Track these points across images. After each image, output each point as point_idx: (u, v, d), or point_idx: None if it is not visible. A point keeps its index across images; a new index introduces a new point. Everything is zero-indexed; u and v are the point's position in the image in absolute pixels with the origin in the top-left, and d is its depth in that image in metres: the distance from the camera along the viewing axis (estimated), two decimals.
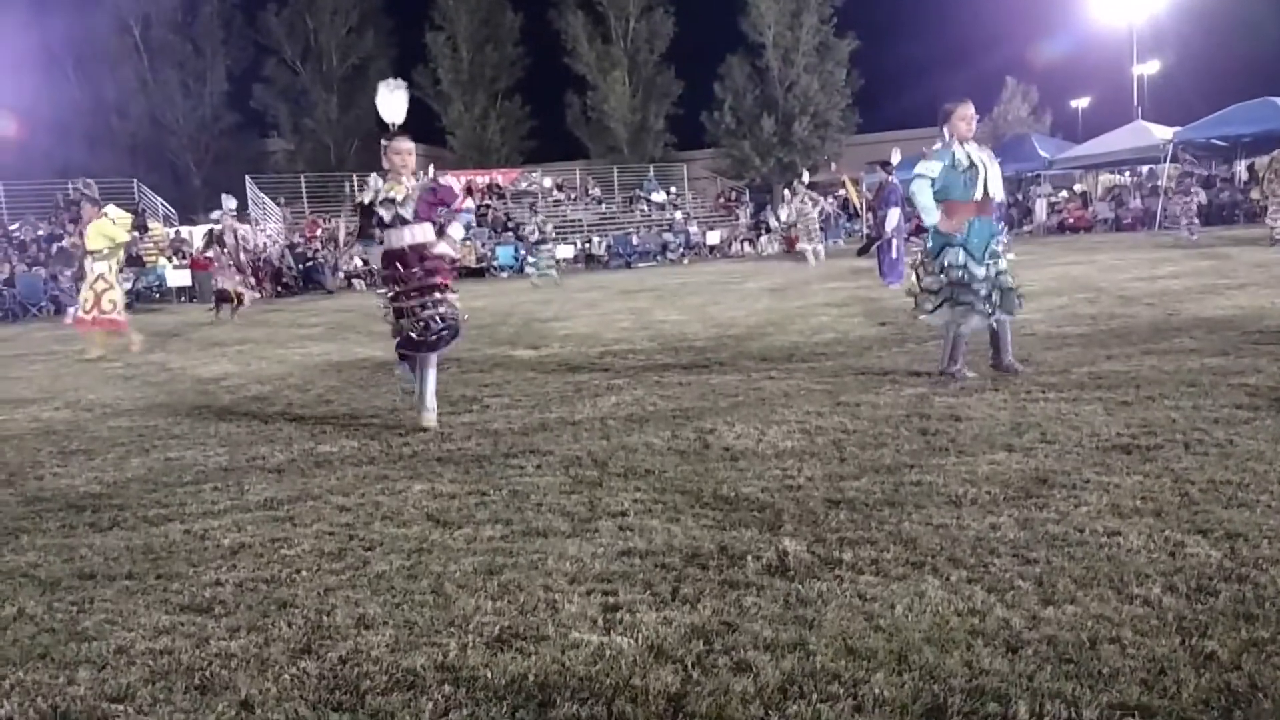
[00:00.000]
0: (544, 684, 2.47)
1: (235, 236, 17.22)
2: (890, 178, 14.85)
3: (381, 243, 5.94)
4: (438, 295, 5.91)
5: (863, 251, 17.94)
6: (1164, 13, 34.66)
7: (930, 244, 6.42)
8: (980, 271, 6.18)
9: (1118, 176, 30.69)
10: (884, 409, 5.55)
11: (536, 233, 22.32)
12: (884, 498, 3.84)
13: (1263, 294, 9.72)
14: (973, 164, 6.14)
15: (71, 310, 12.22)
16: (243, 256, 17.37)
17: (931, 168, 6.22)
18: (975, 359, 6.53)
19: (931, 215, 6.24)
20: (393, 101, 6.03)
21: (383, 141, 6.01)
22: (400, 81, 6.13)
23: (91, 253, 11.28)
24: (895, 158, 15.44)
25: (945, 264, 6.26)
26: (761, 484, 4.16)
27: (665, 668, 2.52)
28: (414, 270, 5.87)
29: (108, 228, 11.53)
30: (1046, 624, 2.62)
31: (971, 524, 3.46)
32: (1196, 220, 21.61)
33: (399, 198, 5.86)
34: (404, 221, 5.85)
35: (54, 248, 23.83)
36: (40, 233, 25.92)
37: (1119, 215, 28.16)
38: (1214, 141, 27.33)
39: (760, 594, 2.96)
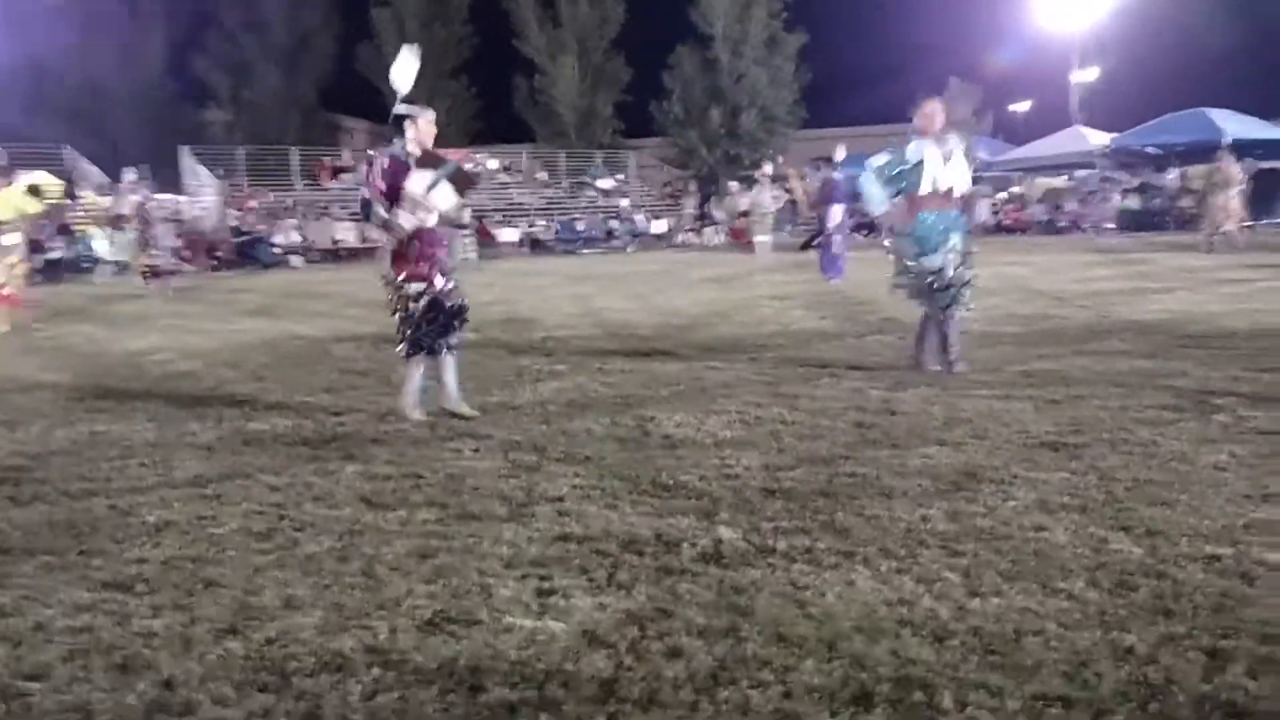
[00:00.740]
0: (475, 668, 2.45)
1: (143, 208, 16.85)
2: (834, 174, 14.96)
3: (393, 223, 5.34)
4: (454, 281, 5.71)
5: (805, 246, 18.07)
6: (1105, 21, 35.39)
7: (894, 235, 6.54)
8: (934, 263, 6.24)
9: (1055, 180, 31.33)
10: (821, 401, 5.60)
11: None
12: (819, 488, 3.88)
13: (1190, 299, 10.01)
14: (921, 160, 6.21)
15: None
16: (156, 229, 16.65)
17: (878, 160, 6.39)
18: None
19: (876, 205, 6.39)
20: (409, 67, 5.73)
21: (403, 110, 5.54)
22: (417, 48, 5.90)
23: (2, 224, 10.55)
24: (839, 154, 15.56)
25: (900, 254, 6.41)
26: (699, 472, 4.18)
27: (598, 653, 2.52)
28: (442, 249, 5.64)
29: (17, 198, 10.93)
30: (973, 615, 2.67)
31: (902, 516, 3.51)
32: (1110, 225, 22.13)
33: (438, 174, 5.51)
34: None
35: None
36: None
37: (1054, 218, 28.73)
38: (1148, 149, 28.05)
39: (695, 581, 2.97)
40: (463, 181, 5.74)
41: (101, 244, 22.72)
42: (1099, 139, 28.21)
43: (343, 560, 3.24)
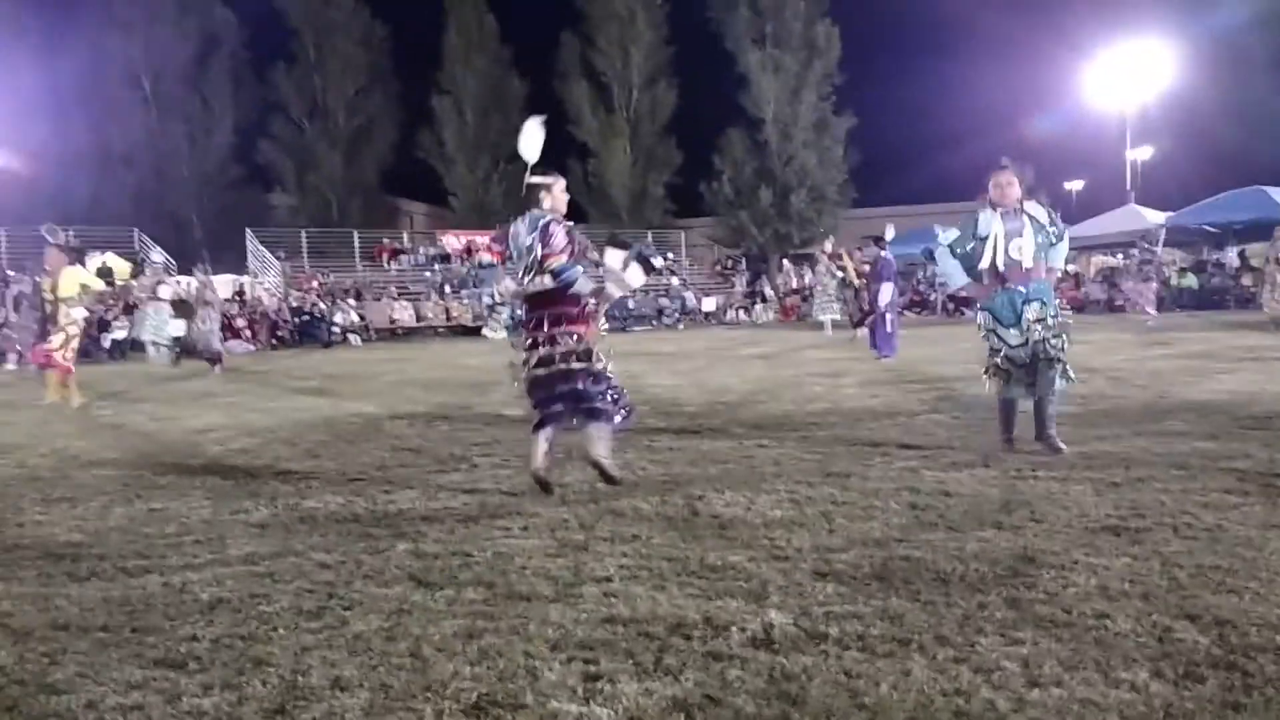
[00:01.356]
0: None
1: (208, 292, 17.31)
2: (884, 253, 14.99)
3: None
4: (590, 351, 5.61)
5: (859, 325, 18.05)
6: (1158, 100, 35.38)
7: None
8: (1013, 338, 6.12)
9: (1110, 258, 31.05)
10: (874, 481, 5.53)
11: (496, 295, 22.11)
12: (872, 571, 3.81)
13: (1253, 379, 9.77)
14: (990, 234, 6.13)
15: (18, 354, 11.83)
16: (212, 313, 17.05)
17: (948, 235, 6.35)
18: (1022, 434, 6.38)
19: (953, 281, 6.42)
20: (535, 138, 5.82)
21: (537, 180, 5.75)
22: (542, 119, 5.95)
23: (64, 300, 11.19)
24: (889, 234, 15.61)
25: (979, 328, 6.36)
26: (749, 553, 4.13)
27: None
28: (561, 320, 5.58)
29: (83, 276, 11.63)
30: (1032, 707, 2.58)
31: (959, 601, 3.42)
32: (1151, 310, 21.69)
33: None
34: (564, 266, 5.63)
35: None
36: (39, 279, 25.89)
37: (1111, 296, 28.40)
38: (1205, 227, 27.74)
39: (744, 667, 2.92)
40: (646, 264, 5.95)
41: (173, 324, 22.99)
42: (1155, 217, 27.98)
43: (390, 640, 3.24)
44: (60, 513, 5.40)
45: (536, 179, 5.70)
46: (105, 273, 26.93)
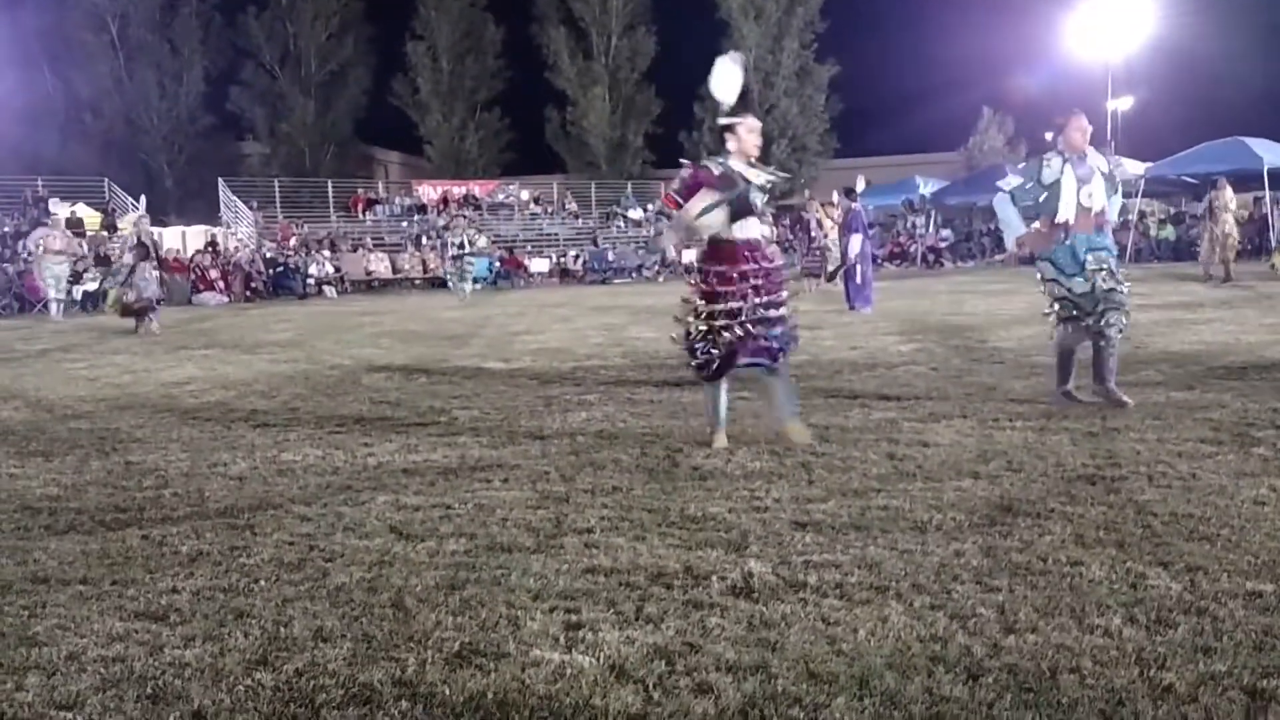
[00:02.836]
0: (503, 702, 2.44)
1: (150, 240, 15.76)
2: (854, 204, 14.95)
3: (694, 233, 5.38)
4: (781, 298, 5.38)
5: (831, 277, 18.07)
6: (1139, 51, 35.27)
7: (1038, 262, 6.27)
8: (1078, 286, 5.98)
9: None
10: (853, 432, 5.56)
11: (466, 245, 20.87)
12: (850, 521, 3.85)
13: (1227, 329, 9.87)
14: (1058, 180, 5.97)
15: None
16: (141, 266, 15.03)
17: (1010, 181, 6.22)
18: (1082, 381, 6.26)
19: (1011, 229, 6.21)
20: (730, 77, 5.48)
21: (724, 120, 5.44)
22: (739, 56, 5.61)
23: None
24: (860, 185, 15.60)
25: (1040, 278, 6.21)
26: (729, 504, 4.16)
27: (626, 688, 2.50)
28: (762, 266, 5.31)
29: None
30: (1007, 652, 2.62)
31: (936, 550, 3.46)
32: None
33: (759, 181, 5.31)
34: (753, 211, 5.30)
35: (20, 244, 23.36)
36: (5, 229, 25.52)
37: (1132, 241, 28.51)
38: (1184, 178, 27.82)
39: (724, 615, 2.95)
40: (743, 208, 5.35)
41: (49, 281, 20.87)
42: (1135, 167, 28.01)
43: (372, 591, 3.25)
44: (36, 466, 5.36)
45: (724, 119, 5.42)
46: (75, 223, 26.58)
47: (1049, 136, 7.18)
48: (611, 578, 3.30)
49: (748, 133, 5.36)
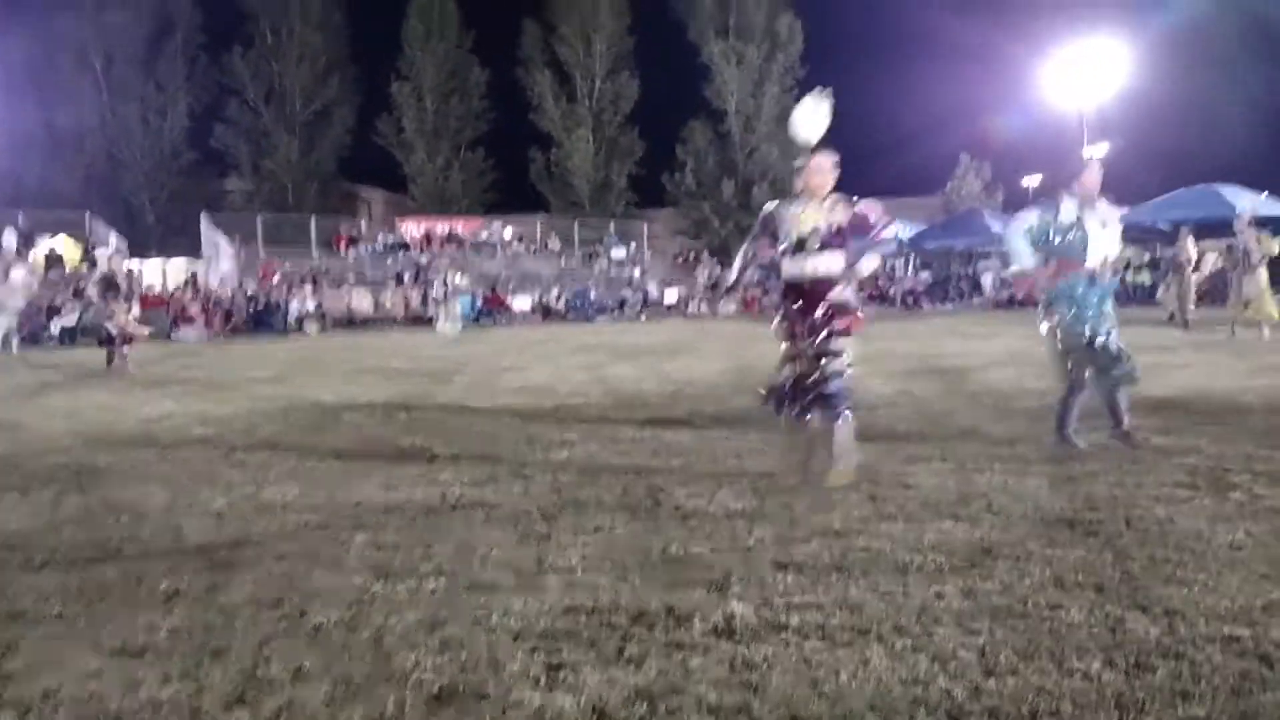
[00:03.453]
0: None
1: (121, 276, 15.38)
2: None
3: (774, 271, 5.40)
4: (836, 345, 5.23)
5: None
6: (1114, 99, 35.94)
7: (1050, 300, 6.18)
8: (1093, 330, 5.97)
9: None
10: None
11: (449, 286, 20.59)
12: (832, 562, 3.85)
13: (1204, 374, 9.98)
14: (1075, 223, 6.00)
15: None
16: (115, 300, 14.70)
17: (1028, 219, 6.15)
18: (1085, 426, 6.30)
19: (1019, 262, 6.11)
20: (816, 116, 5.36)
21: (799, 162, 5.38)
22: (828, 91, 5.43)
23: None
24: None
25: (1052, 321, 6.11)
26: (711, 544, 4.16)
27: None
28: (814, 309, 5.21)
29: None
30: (988, 695, 2.63)
31: (917, 592, 3.47)
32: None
33: (811, 225, 5.22)
34: (805, 249, 5.22)
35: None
36: None
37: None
38: (1159, 225, 28.24)
39: (706, 655, 2.94)
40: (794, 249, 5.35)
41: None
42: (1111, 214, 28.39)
43: (351, 631, 3.22)
44: (11, 501, 5.30)
45: (799, 161, 5.38)
46: (54, 259, 26.48)
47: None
48: (593, 618, 3.29)
49: (815, 174, 5.29)
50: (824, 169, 5.28)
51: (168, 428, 8.09)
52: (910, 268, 35.30)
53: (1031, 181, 43.33)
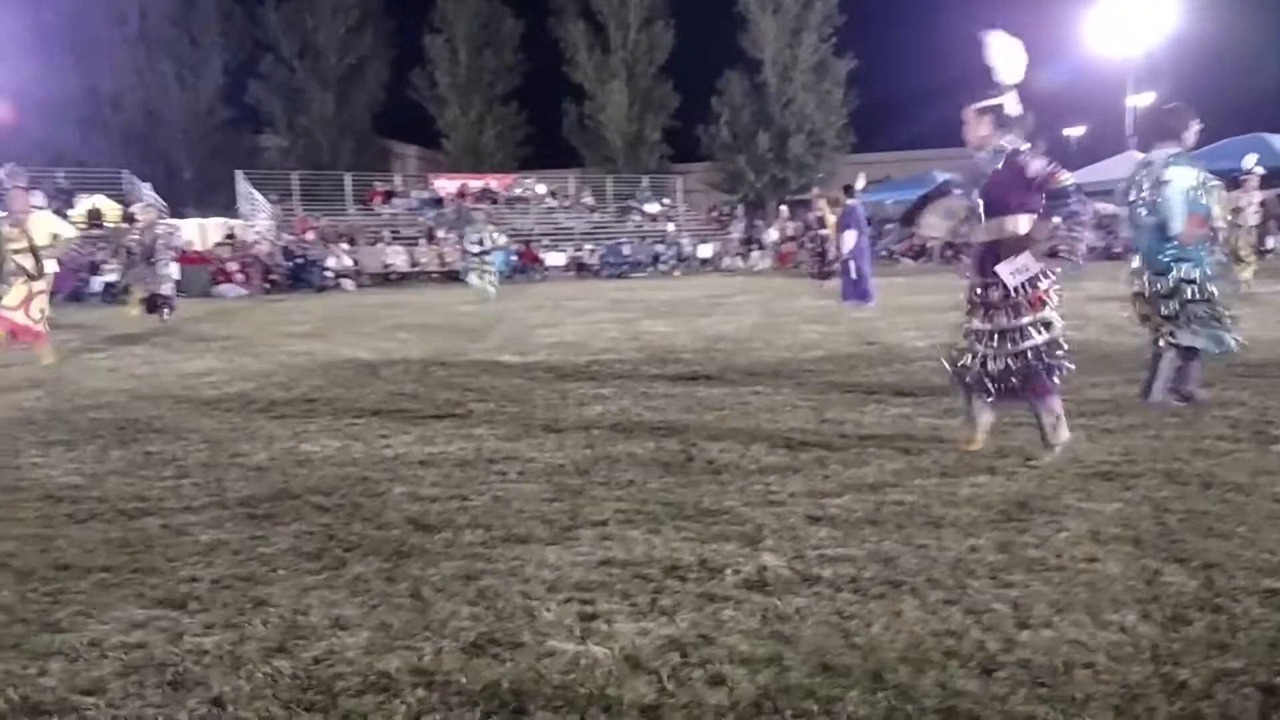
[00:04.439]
0: (519, 691, 2.46)
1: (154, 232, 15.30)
2: (849, 201, 14.96)
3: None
4: (1025, 320, 4.60)
5: (822, 275, 18.08)
6: (1161, 46, 34.97)
7: (1152, 259, 5.87)
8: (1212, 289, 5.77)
9: (1109, 206, 30.95)
10: (868, 427, 5.56)
11: (486, 242, 19.79)
12: (865, 516, 3.85)
13: (1248, 326, 9.78)
14: (1204, 184, 5.77)
15: None
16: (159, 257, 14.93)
17: (1191, 178, 5.73)
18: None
19: (1177, 223, 5.68)
20: (1013, 51, 4.71)
21: (978, 105, 4.70)
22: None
23: (43, 248, 9.65)
24: (860, 183, 15.63)
25: (1180, 279, 5.78)
26: (743, 498, 4.17)
27: (640, 679, 2.51)
28: (989, 280, 4.64)
29: (54, 222, 10.29)
30: (1022, 647, 2.63)
31: (951, 545, 3.47)
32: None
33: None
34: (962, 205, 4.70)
35: None
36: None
37: (1109, 244, 28.32)
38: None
39: (738, 608, 2.96)
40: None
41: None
42: None
43: (389, 580, 3.28)
44: (57, 455, 5.42)
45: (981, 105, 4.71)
46: (95, 215, 26.79)
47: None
48: (626, 570, 3.32)
49: (971, 116, 4.71)
50: (969, 118, 4.71)
51: (208, 383, 8.21)
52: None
53: (1074, 131, 42.43)
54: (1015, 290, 4.58)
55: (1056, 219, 4.58)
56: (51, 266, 9.89)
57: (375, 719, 2.35)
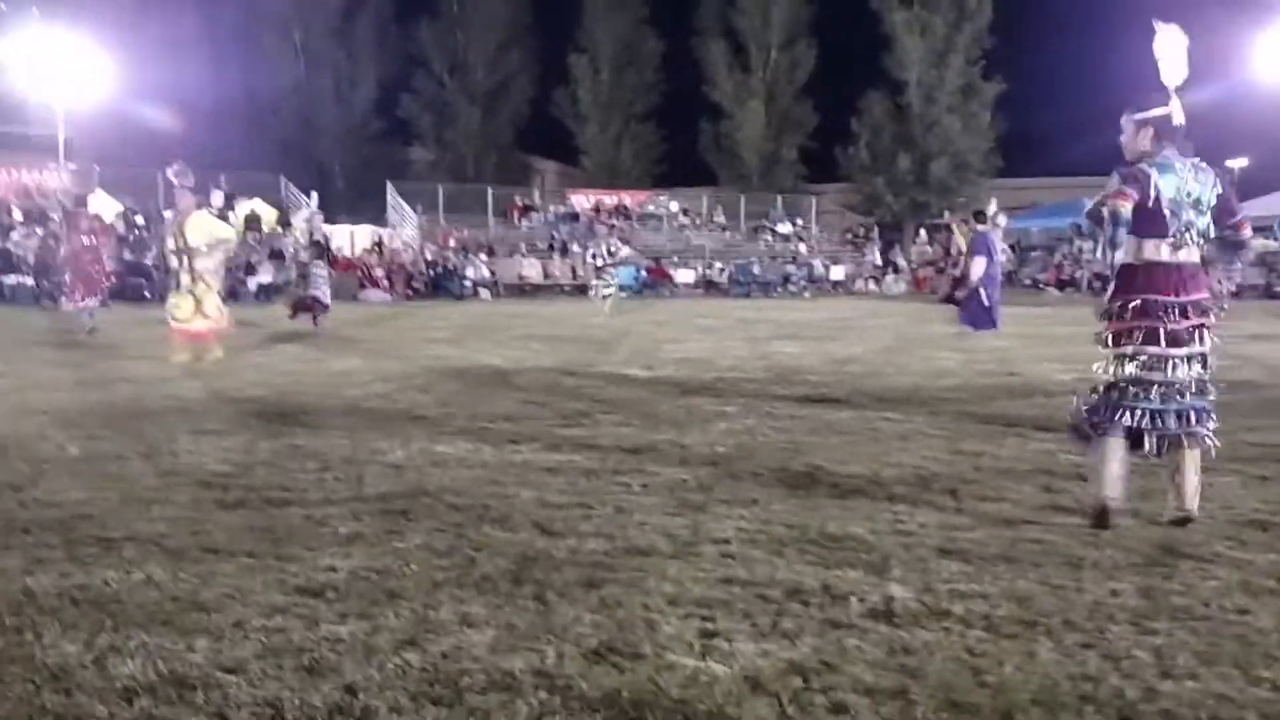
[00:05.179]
0: (638, 702, 2.47)
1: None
2: (980, 227, 14.54)
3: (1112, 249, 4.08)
4: (1202, 349, 4.08)
5: (948, 299, 17.54)
6: None
7: None
8: None
9: (1271, 242, 29.10)
10: (1006, 461, 5.38)
11: (606, 255, 19.37)
12: (999, 552, 3.72)
13: None
14: None
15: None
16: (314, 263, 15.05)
17: None
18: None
19: None
20: (1178, 49, 4.27)
21: (1140, 115, 4.20)
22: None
23: (191, 250, 9.93)
24: (992, 208, 15.20)
25: None
26: (870, 525, 4.09)
27: (760, 700, 2.49)
28: (1176, 304, 4.03)
29: (212, 223, 10.57)
30: (1164, 698, 2.49)
31: (1090, 588, 3.32)
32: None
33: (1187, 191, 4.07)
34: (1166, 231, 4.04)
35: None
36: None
37: (1270, 282, 26.73)
38: None
39: (863, 637, 2.90)
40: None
41: None
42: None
43: (516, 583, 3.34)
44: (210, 444, 5.73)
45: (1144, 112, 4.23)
46: (253, 219, 28.26)
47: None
48: (747, 590, 3.30)
49: (1126, 134, 4.27)
50: (1126, 130, 4.26)
51: (352, 382, 8.55)
52: (1099, 250, 33.34)
53: (1237, 163, 40.18)
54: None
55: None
56: (210, 264, 10.11)
57: (498, 718, 2.40)
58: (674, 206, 37.57)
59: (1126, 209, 3.97)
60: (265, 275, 24.40)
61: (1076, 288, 31.30)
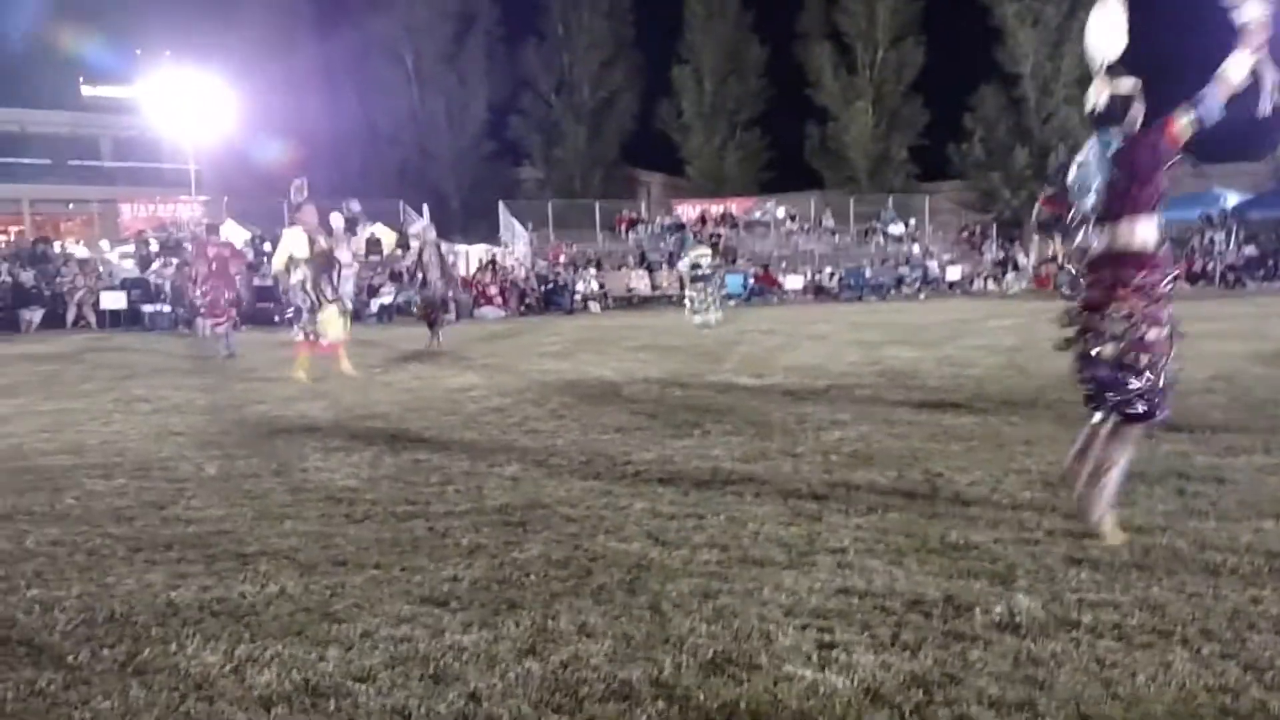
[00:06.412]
0: (756, 713, 2.47)
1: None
2: None
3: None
4: (1128, 327, 3.90)
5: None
6: None
7: None
8: None
9: None
10: (1137, 465, 5.14)
11: (698, 264, 17.81)
12: (1131, 560, 3.58)
13: None
14: None
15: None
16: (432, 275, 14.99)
17: None
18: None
19: None
20: (1113, 23, 4.17)
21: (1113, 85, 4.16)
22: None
23: (333, 261, 10.60)
24: None
25: None
26: (994, 534, 3.98)
27: (881, 713, 2.46)
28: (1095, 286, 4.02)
29: (293, 244, 10.90)
30: None
31: (1229, 595, 3.17)
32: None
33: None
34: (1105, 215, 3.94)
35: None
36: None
37: None
38: None
39: (987, 649, 2.83)
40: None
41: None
42: None
43: (631, 593, 3.38)
44: (338, 460, 5.95)
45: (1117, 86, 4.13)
46: (374, 243, 29.23)
47: None
48: (866, 600, 3.26)
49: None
50: (1096, 85, 4.14)
51: (470, 397, 8.76)
52: (1233, 240, 31.76)
53: None
54: None
55: None
56: (293, 280, 10.72)
57: None
58: (780, 212, 37.27)
59: None
60: (386, 296, 25.18)
61: (1209, 280, 29.83)
